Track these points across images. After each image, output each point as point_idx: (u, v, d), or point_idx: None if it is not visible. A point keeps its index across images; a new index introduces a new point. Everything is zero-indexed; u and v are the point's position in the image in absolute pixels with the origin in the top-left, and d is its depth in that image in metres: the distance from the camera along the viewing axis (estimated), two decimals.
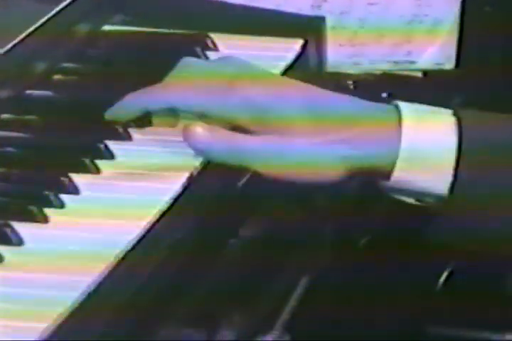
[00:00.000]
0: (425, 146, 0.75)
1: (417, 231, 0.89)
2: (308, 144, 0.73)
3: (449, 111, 0.76)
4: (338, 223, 1.05)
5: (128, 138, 0.76)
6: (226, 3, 1.01)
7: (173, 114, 0.77)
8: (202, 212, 0.77)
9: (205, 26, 0.97)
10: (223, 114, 0.73)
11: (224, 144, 0.72)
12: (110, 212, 0.66)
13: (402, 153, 0.73)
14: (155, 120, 0.78)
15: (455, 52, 1.01)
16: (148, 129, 0.77)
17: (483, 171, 0.76)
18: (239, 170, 0.76)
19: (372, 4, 1.03)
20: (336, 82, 0.99)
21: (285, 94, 0.76)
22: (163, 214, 0.69)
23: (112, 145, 0.74)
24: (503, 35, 1.12)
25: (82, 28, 0.91)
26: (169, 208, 0.70)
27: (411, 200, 0.78)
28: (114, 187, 0.71)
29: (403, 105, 0.76)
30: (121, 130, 0.75)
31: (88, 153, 0.72)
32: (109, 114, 0.77)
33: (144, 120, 0.78)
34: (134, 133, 0.77)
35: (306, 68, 0.96)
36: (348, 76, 1.02)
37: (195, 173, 0.76)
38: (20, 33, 0.81)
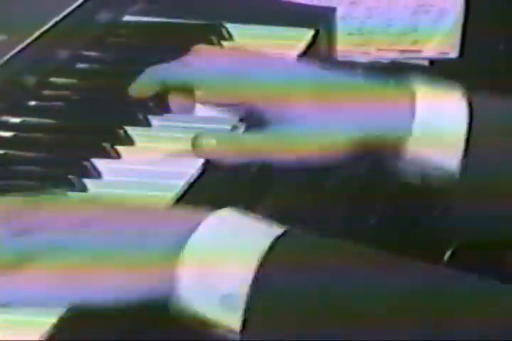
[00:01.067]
0: (438, 122, 0.76)
1: (421, 212, 0.94)
2: (318, 121, 0.74)
3: (460, 92, 0.76)
4: (348, 204, 1.06)
5: (147, 124, 0.80)
6: None
7: (189, 89, 0.78)
8: (215, 196, 0.79)
9: (221, 16, 0.99)
10: (238, 93, 0.76)
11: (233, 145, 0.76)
12: (130, 195, 0.69)
13: (415, 128, 0.74)
14: (172, 97, 0.79)
15: (459, 41, 1.03)
16: (165, 116, 0.81)
17: (494, 149, 0.76)
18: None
19: None
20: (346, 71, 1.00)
21: (293, 74, 0.78)
22: (180, 198, 0.71)
23: (132, 131, 0.78)
24: (506, 24, 1.14)
25: (104, 18, 0.93)
26: (185, 192, 0.72)
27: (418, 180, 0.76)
28: (135, 171, 0.74)
29: (416, 81, 0.76)
30: (141, 117, 0.78)
31: (109, 139, 0.75)
32: (132, 89, 0.78)
33: (161, 100, 0.79)
34: (153, 119, 0.81)
35: (317, 57, 0.96)
36: (357, 64, 1.03)
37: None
38: (44, 22, 0.83)
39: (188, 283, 0.58)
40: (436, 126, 0.76)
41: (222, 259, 0.57)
